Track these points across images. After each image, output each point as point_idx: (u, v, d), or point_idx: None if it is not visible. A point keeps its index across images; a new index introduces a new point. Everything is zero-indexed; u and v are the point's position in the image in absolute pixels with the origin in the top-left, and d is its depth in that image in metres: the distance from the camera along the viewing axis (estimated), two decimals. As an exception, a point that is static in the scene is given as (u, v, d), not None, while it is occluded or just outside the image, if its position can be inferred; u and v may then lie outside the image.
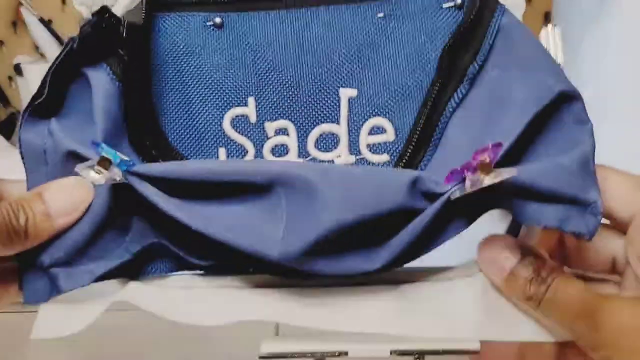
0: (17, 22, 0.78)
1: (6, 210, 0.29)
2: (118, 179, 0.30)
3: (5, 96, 0.84)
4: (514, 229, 0.33)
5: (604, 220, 0.29)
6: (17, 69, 0.81)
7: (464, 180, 0.27)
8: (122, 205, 0.31)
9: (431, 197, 0.29)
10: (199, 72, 0.34)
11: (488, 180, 0.26)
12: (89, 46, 0.31)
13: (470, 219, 0.30)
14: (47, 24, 0.80)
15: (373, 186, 0.28)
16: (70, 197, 0.30)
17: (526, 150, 0.30)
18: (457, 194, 0.28)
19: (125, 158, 0.29)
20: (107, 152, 0.29)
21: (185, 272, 0.32)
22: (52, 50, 0.80)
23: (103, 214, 0.30)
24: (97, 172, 0.29)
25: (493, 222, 0.32)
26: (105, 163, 0.29)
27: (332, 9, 0.35)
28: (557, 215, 0.27)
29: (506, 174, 0.26)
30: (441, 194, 0.28)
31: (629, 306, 0.28)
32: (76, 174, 0.29)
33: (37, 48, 0.81)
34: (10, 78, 0.81)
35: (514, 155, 0.30)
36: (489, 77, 0.32)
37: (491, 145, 0.26)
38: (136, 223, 0.31)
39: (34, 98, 0.31)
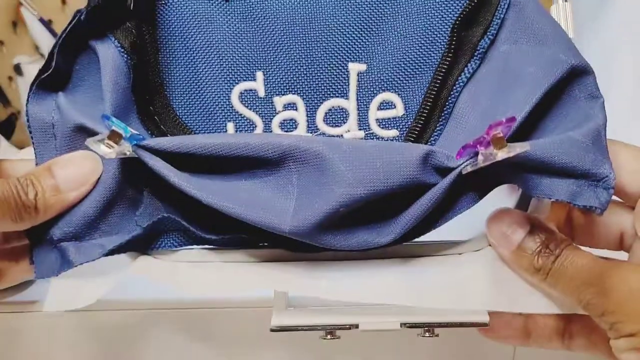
0: (17, 22, 0.77)
1: (15, 186, 0.29)
2: (128, 153, 0.29)
3: (5, 96, 0.82)
4: (523, 204, 0.33)
5: (613, 197, 0.29)
6: (17, 69, 0.80)
7: (476, 154, 0.27)
8: (132, 179, 0.31)
9: (443, 171, 0.29)
10: (206, 45, 0.34)
11: (501, 154, 0.26)
12: (96, 18, 0.31)
13: (481, 194, 0.30)
14: (47, 24, 0.78)
15: (385, 160, 0.28)
16: (80, 171, 0.30)
17: (537, 125, 0.30)
18: (469, 169, 0.28)
19: (135, 132, 0.29)
20: (118, 125, 0.28)
21: (196, 246, 0.32)
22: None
23: (113, 188, 0.30)
24: (107, 146, 0.29)
25: (502, 196, 0.33)
26: (115, 137, 0.29)
27: None
28: (568, 190, 0.28)
29: (519, 148, 0.26)
30: (453, 169, 0.28)
31: (637, 271, 0.28)
32: (86, 148, 0.29)
33: (37, 48, 0.80)
34: (10, 78, 0.81)
35: (525, 129, 0.30)
36: (499, 51, 0.32)
37: (504, 120, 0.26)
38: (146, 197, 0.31)
39: (41, 72, 0.31)
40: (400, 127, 0.34)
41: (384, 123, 0.34)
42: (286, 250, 0.31)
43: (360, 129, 0.34)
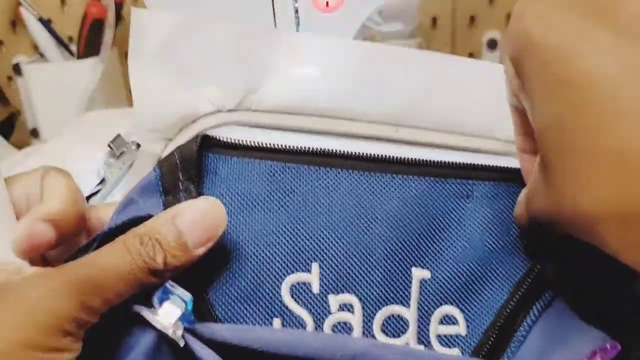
0: (16, 22, 0.80)
1: (138, 252, 0.24)
2: (176, 335, 0.25)
3: (4, 96, 0.83)
4: None
5: None
6: (17, 69, 0.81)
7: None
8: None
9: None
10: (260, 229, 0.31)
11: None
12: None
13: None
14: (46, 23, 0.81)
15: None
16: (208, 222, 0.27)
17: None
18: None
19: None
20: (183, 295, 0.24)
21: None
22: (52, 50, 0.82)
23: None
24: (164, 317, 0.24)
25: None
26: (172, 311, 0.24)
27: (400, 178, 0.33)
28: None
29: None
30: None
31: None
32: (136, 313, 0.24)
33: (36, 48, 0.82)
34: (9, 78, 0.82)
35: None
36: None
37: (609, 346, 0.24)
38: None
39: None
40: (463, 347, 0.31)
41: (445, 340, 0.31)
42: None
43: (419, 343, 0.30)
